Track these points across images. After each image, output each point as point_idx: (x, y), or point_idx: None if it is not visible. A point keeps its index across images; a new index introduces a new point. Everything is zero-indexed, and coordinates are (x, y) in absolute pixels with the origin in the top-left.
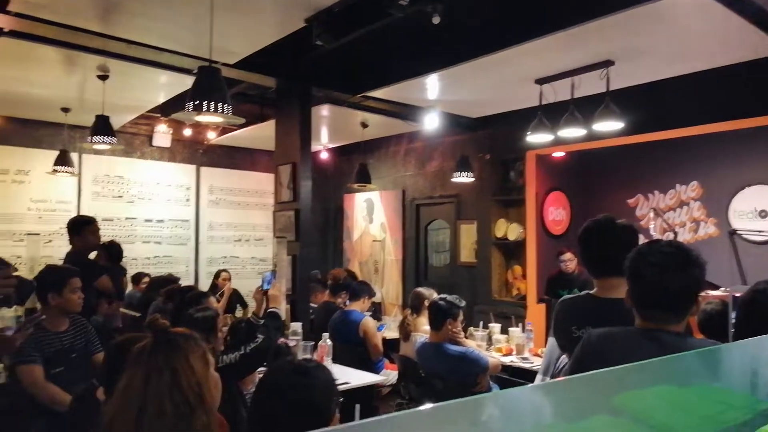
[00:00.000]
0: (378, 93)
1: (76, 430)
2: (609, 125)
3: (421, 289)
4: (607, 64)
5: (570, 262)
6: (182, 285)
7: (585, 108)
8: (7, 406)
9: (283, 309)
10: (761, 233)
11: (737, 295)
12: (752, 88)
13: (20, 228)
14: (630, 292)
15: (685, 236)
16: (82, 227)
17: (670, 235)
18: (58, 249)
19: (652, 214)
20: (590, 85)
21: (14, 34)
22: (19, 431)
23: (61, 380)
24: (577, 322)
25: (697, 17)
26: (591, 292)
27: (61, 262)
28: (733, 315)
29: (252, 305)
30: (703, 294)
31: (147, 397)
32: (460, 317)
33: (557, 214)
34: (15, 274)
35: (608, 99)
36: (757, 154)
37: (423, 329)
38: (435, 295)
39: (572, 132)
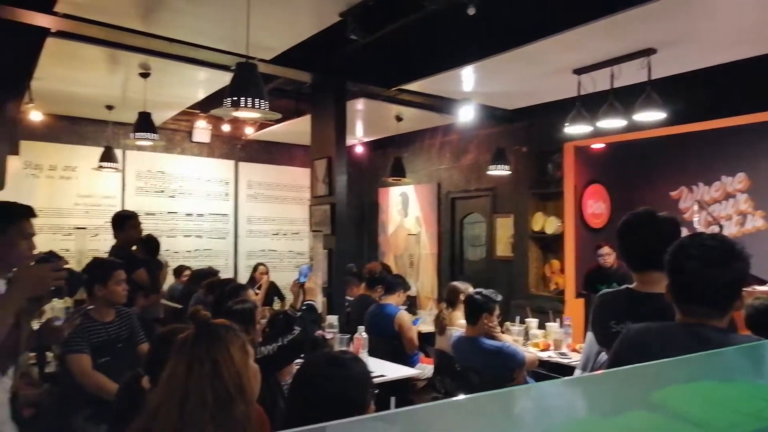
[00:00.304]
0: (413, 86)
1: (121, 418)
2: (650, 115)
3: (456, 283)
4: (649, 52)
5: (608, 256)
6: (222, 278)
7: (625, 98)
8: (56, 393)
9: (319, 302)
10: None
11: None
12: None
13: (68, 222)
14: (670, 286)
15: (731, 229)
16: (124, 222)
17: (714, 229)
18: (104, 242)
19: (696, 207)
20: (631, 74)
21: (61, 34)
22: (67, 418)
23: (108, 369)
24: (616, 316)
25: (743, 2)
26: (630, 286)
27: (106, 255)
28: None
29: (289, 298)
30: (749, 289)
31: (189, 386)
32: (496, 312)
33: (596, 207)
34: (66, 266)
35: (650, 88)
36: None
37: (458, 323)
38: (471, 289)
39: (612, 123)
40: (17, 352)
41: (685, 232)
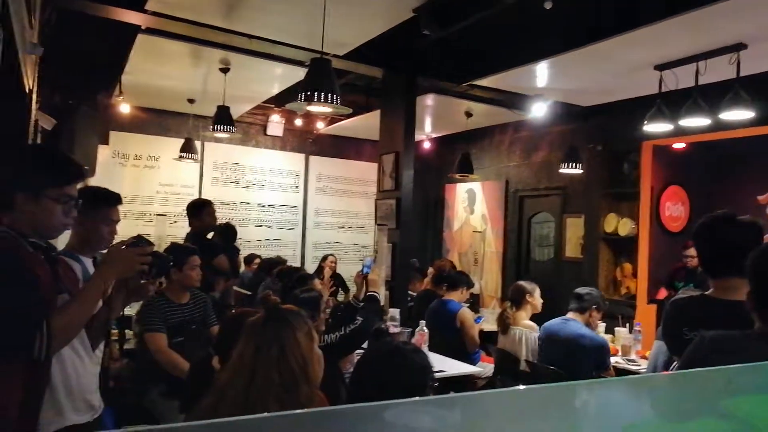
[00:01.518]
0: (484, 81)
1: (192, 395)
2: (738, 114)
3: (522, 283)
4: (739, 47)
5: (694, 259)
6: (290, 266)
7: (710, 95)
8: (134, 369)
9: (382, 294)
10: None
11: None
12: None
13: (150, 209)
14: (752, 293)
15: None
16: (199, 209)
17: None
18: (181, 229)
19: None
20: (717, 70)
21: (150, 31)
22: (143, 393)
23: (181, 349)
24: (690, 324)
25: None
26: (707, 293)
27: (183, 242)
28: None
29: (353, 289)
30: None
31: (257, 367)
32: (600, 311)
33: (675, 209)
34: (153, 250)
35: (738, 86)
36: None
37: (522, 323)
38: (537, 290)
39: (695, 121)
40: (107, 329)
41: None
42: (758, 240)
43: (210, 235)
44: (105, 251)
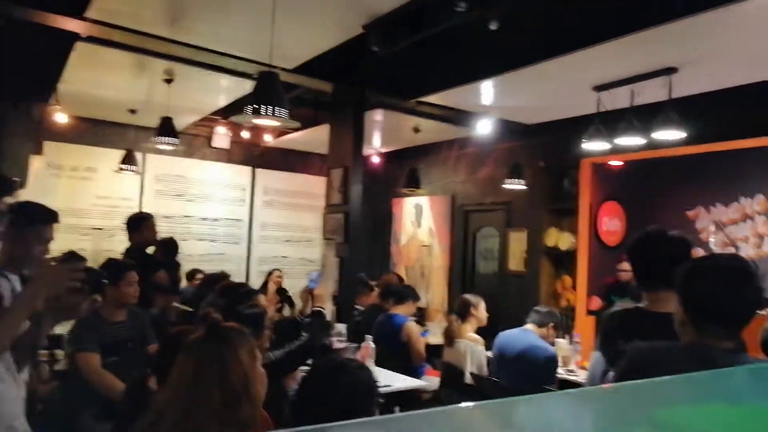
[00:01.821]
0: (432, 98)
1: (127, 416)
2: (670, 134)
3: (467, 296)
4: (670, 71)
5: (626, 273)
6: (234, 282)
7: (644, 116)
8: (65, 391)
9: (328, 309)
10: None
11: None
12: None
13: (86, 222)
14: (684, 306)
15: (748, 251)
16: (139, 223)
17: (731, 250)
18: (120, 243)
19: (713, 228)
20: (651, 92)
21: (90, 39)
22: (74, 416)
23: (116, 369)
24: (625, 335)
25: (765, 23)
26: (640, 305)
27: (122, 256)
28: None
29: (300, 305)
30: (764, 312)
31: (196, 386)
32: (558, 329)
33: (612, 224)
34: (86, 265)
35: (669, 107)
36: None
37: (467, 336)
38: (482, 303)
39: (630, 140)
40: (35, 350)
41: (700, 252)
42: (687, 254)
43: (151, 250)
44: (35, 268)
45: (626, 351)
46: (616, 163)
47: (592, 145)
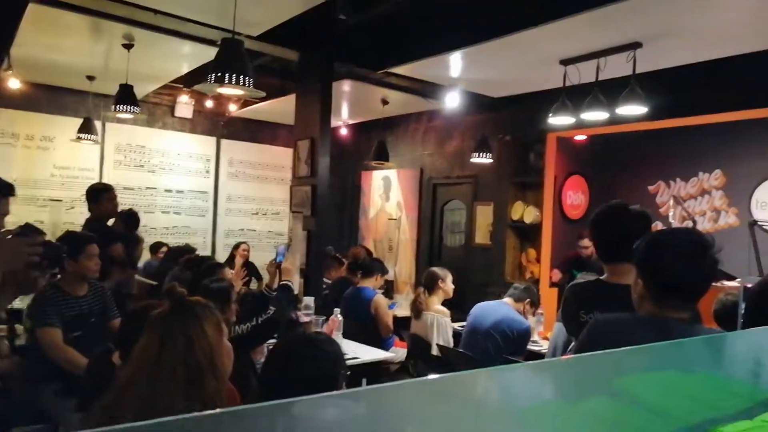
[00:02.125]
0: (400, 69)
1: (91, 392)
2: (633, 109)
3: (435, 269)
4: (635, 46)
5: (587, 249)
6: (200, 255)
7: (609, 91)
8: (25, 367)
9: (296, 283)
10: None
11: (749, 286)
12: None
13: (43, 194)
14: (643, 278)
15: (704, 225)
16: (99, 195)
17: (689, 224)
18: (80, 215)
19: (672, 202)
20: (616, 67)
21: (43, 0)
22: (35, 392)
23: (79, 344)
24: (586, 306)
25: (728, 0)
26: (601, 277)
27: (81, 229)
28: (743, 306)
29: (267, 278)
30: (718, 284)
31: (161, 361)
32: (533, 306)
33: (575, 198)
34: (44, 239)
35: (633, 82)
36: None
37: (434, 308)
38: (449, 276)
39: (595, 115)
40: None
41: (660, 226)
42: (647, 228)
43: (111, 222)
44: None
45: (587, 322)
46: (580, 137)
47: (558, 120)
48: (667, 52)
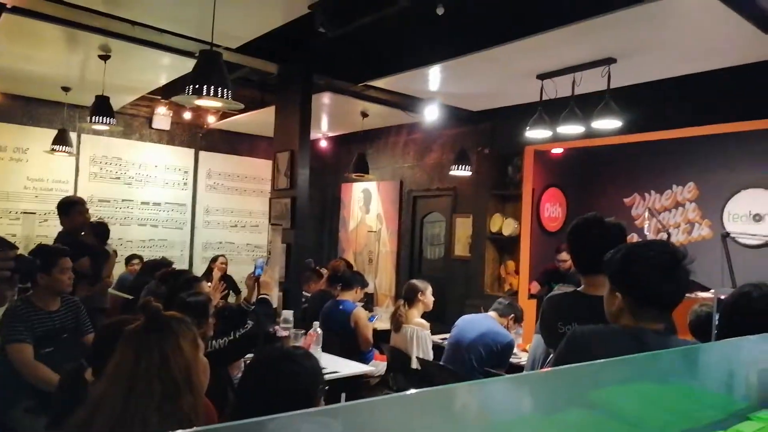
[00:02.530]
0: (380, 83)
1: (63, 410)
2: (608, 123)
3: (415, 281)
4: (609, 61)
5: (565, 262)
6: (176, 269)
7: (585, 105)
8: None
9: (275, 296)
10: (754, 237)
11: (722, 297)
12: (751, 91)
13: (16, 206)
14: (621, 291)
15: (678, 237)
16: (70, 208)
17: (663, 236)
18: (54, 228)
19: (647, 214)
20: (591, 82)
21: (17, 10)
22: (5, 410)
23: (51, 360)
24: (564, 318)
25: (700, 18)
26: (579, 289)
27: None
28: (717, 317)
29: (245, 291)
30: (692, 295)
31: (136, 377)
32: (517, 322)
33: (553, 210)
34: (16, 254)
35: (608, 97)
36: (753, 158)
37: (415, 321)
38: (429, 288)
39: (571, 129)
40: None
41: (636, 238)
42: (622, 240)
43: (82, 234)
44: None
45: (565, 333)
46: (557, 150)
47: (535, 133)
48: (641, 68)
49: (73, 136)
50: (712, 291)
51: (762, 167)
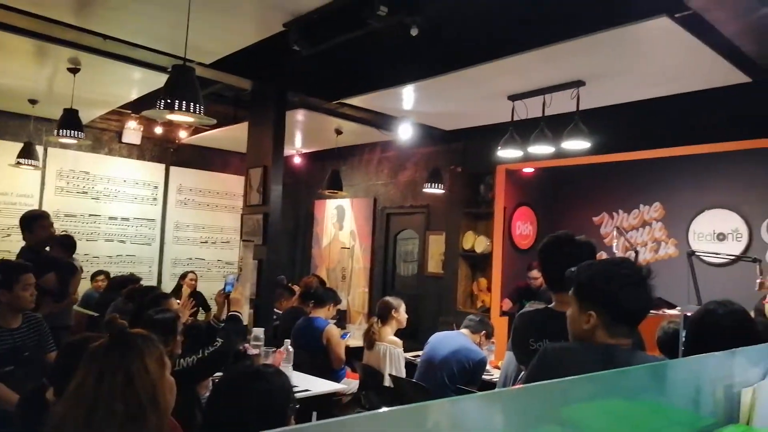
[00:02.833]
0: (354, 101)
1: (23, 430)
2: (577, 144)
3: (389, 299)
4: (578, 84)
5: (537, 280)
6: (144, 285)
7: (555, 126)
8: None
9: (245, 313)
10: (718, 255)
11: (689, 314)
12: (715, 114)
13: None
14: (596, 309)
15: (645, 256)
16: (33, 222)
17: (631, 254)
18: (17, 243)
19: (615, 233)
20: (561, 103)
21: None
22: None
23: (12, 379)
24: (535, 335)
25: (666, 44)
26: (550, 306)
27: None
28: (684, 334)
29: (215, 309)
30: (660, 312)
31: (99, 397)
32: (489, 338)
33: (524, 228)
34: None
35: (578, 118)
36: (716, 178)
37: (388, 339)
38: (403, 306)
39: (541, 149)
40: None
41: (605, 256)
42: (592, 258)
43: (48, 249)
44: None
45: (537, 350)
46: (528, 170)
47: (507, 152)
48: (609, 91)
49: (39, 149)
50: (679, 308)
51: (725, 188)
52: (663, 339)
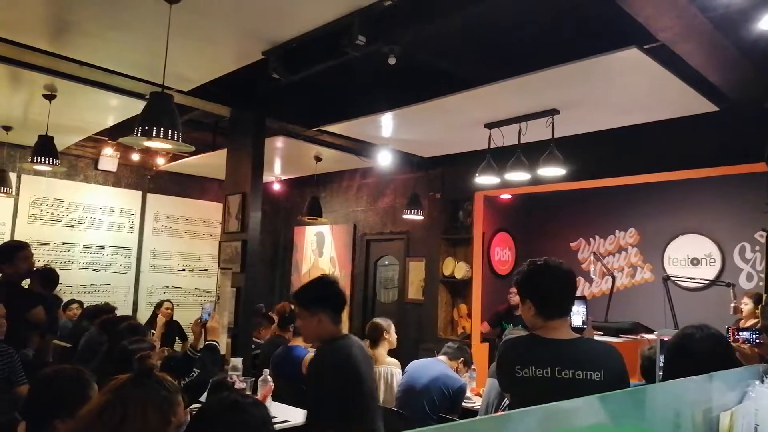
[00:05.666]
0: (333, 128)
1: None
2: (553, 171)
3: (378, 320)
4: (553, 112)
5: (516, 296)
6: (118, 315)
7: (531, 153)
8: None
9: (223, 342)
10: (693, 280)
11: (665, 338)
12: (685, 142)
13: None
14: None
15: (622, 280)
16: (12, 253)
17: (609, 279)
18: None
19: (592, 258)
20: (537, 131)
21: None
22: None
23: None
24: (521, 362)
25: (637, 75)
26: (535, 332)
27: None
28: (661, 358)
29: (192, 338)
30: (638, 337)
31: (93, 426)
32: (467, 365)
33: (503, 254)
34: None
35: (553, 146)
36: (690, 205)
37: (387, 361)
38: (392, 327)
39: (518, 176)
40: None
41: (583, 281)
42: (574, 284)
43: (26, 283)
44: None
45: (523, 377)
46: (505, 196)
47: (484, 179)
48: (583, 119)
49: (12, 176)
50: (656, 333)
51: (697, 214)
52: (647, 365)
